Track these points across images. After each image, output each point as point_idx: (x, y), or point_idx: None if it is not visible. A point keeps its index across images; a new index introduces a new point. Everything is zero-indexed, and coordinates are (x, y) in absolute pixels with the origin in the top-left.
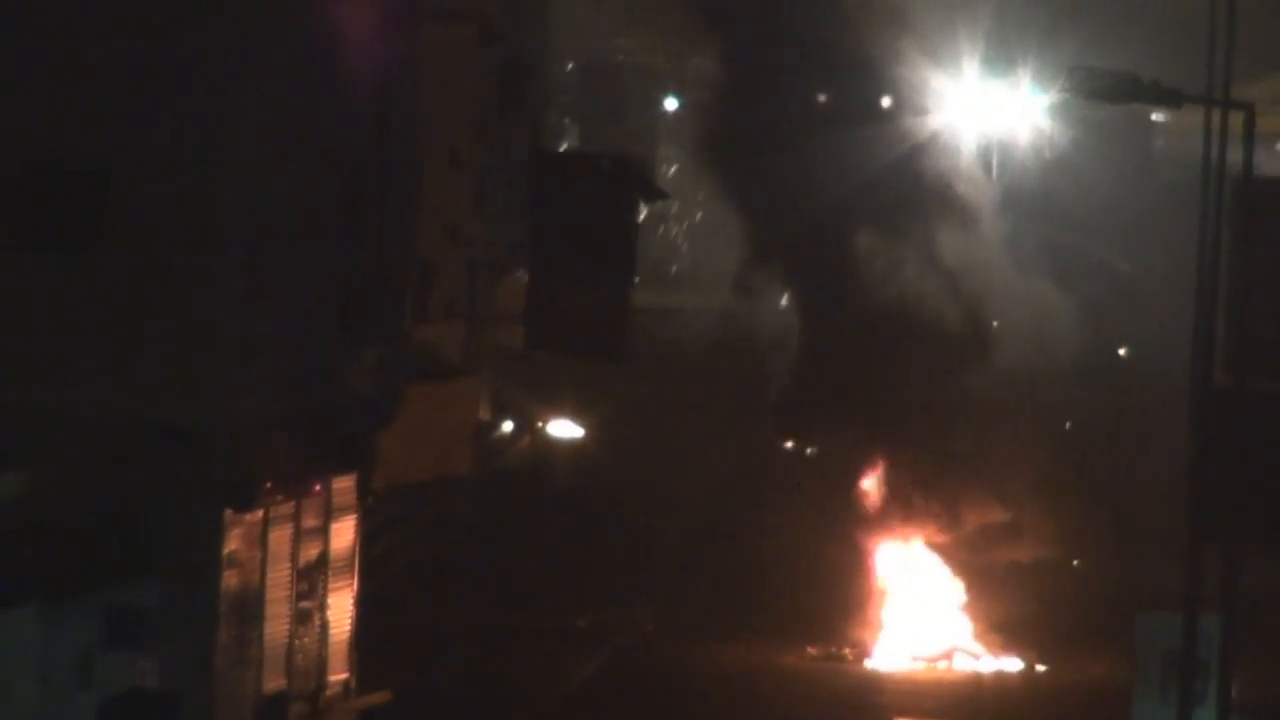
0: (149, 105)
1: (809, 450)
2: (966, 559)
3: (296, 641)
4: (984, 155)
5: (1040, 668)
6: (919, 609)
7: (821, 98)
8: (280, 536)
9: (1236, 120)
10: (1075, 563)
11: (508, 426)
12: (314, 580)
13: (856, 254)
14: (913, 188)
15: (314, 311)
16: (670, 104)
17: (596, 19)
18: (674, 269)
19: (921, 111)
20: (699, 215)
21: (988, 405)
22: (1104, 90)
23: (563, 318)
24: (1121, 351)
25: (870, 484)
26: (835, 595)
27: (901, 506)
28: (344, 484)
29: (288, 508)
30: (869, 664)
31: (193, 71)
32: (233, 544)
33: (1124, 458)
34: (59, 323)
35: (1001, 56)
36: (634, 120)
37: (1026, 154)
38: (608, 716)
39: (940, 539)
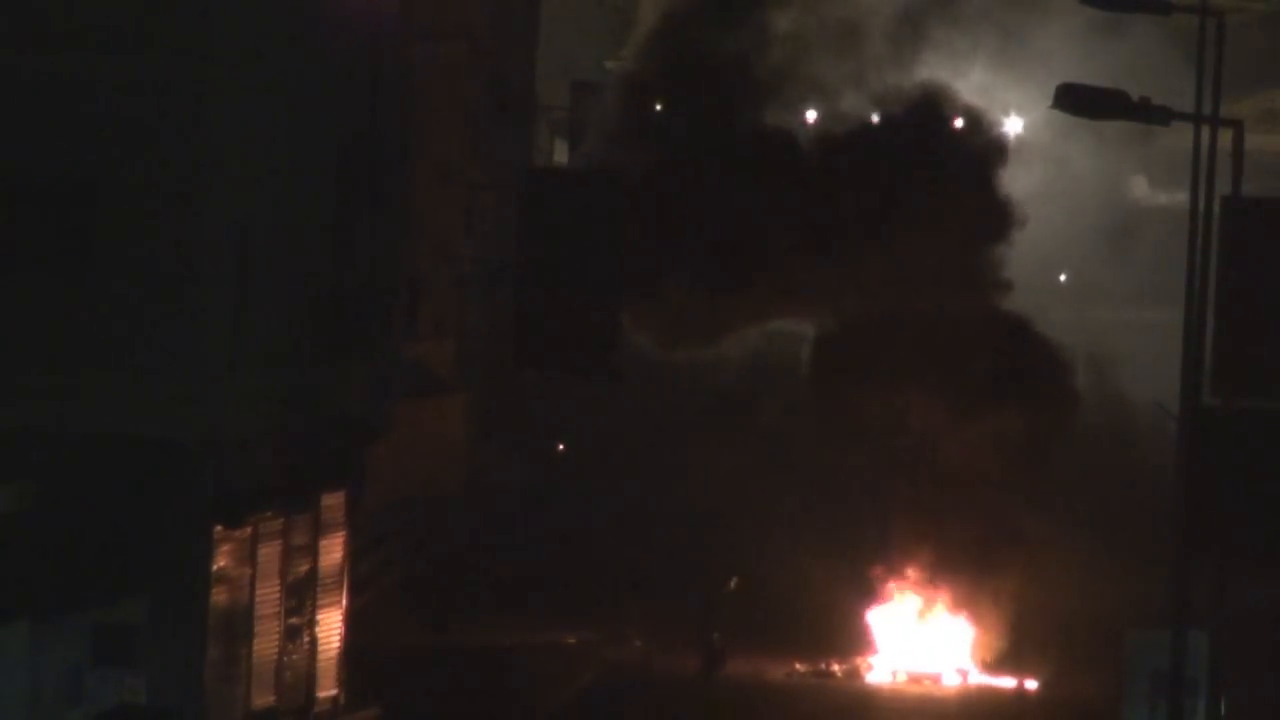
0: (136, 123)
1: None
2: (957, 575)
3: (286, 658)
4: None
5: (1030, 685)
6: (908, 626)
7: (811, 114)
8: (269, 553)
9: (1225, 137)
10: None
11: (497, 443)
12: (303, 596)
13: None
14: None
15: (303, 328)
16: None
17: (586, 35)
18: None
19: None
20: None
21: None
22: (1093, 107)
23: (552, 334)
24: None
25: (864, 499)
26: (826, 611)
27: (893, 522)
28: (333, 500)
29: (277, 524)
30: (858, 681)
31: (181, 88)
32: (222, 560)
33: (1115, 474)
34: (47, 340)
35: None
36: (622, 132)
37: (1015, 170)
38: None
39: (931, 554)
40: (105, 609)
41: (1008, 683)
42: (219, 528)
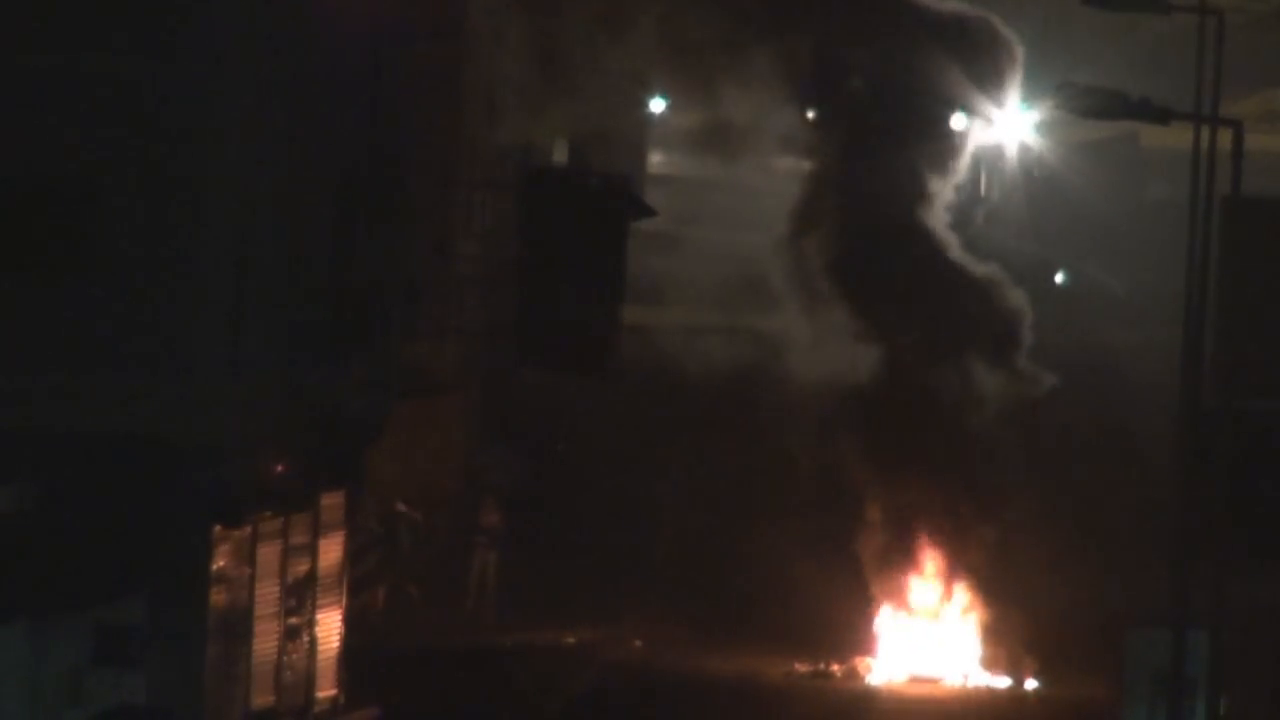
0: (137, 124)
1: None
2: (955, 574)
3: (285, 658)
4: (971, 171)
5: (1029, 684)
6: (908, 626)
7: (809, 115)
8: (269, 553)
9: (1225, 137)
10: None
11: (496, 443)
12: (302, 596)
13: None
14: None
15: (303, 328)
16: (657, 105)
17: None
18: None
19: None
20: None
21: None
22: (1093, 107)
23: (553, 334)
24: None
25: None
26: (825, 612)
27: (893, 523)
28: (333, 500)
29: (276, 524)
30: (857, 681)
31: (180, 88)
32: (221, 560)
33: (1113, 473)
34: (47, 340)
35: (989, 72)
36: (622, 129)
37: (1015, 171)
38: None
39: (930, 554)
40: (105, 609)
41: (1007, 683)
42: (218, 528)
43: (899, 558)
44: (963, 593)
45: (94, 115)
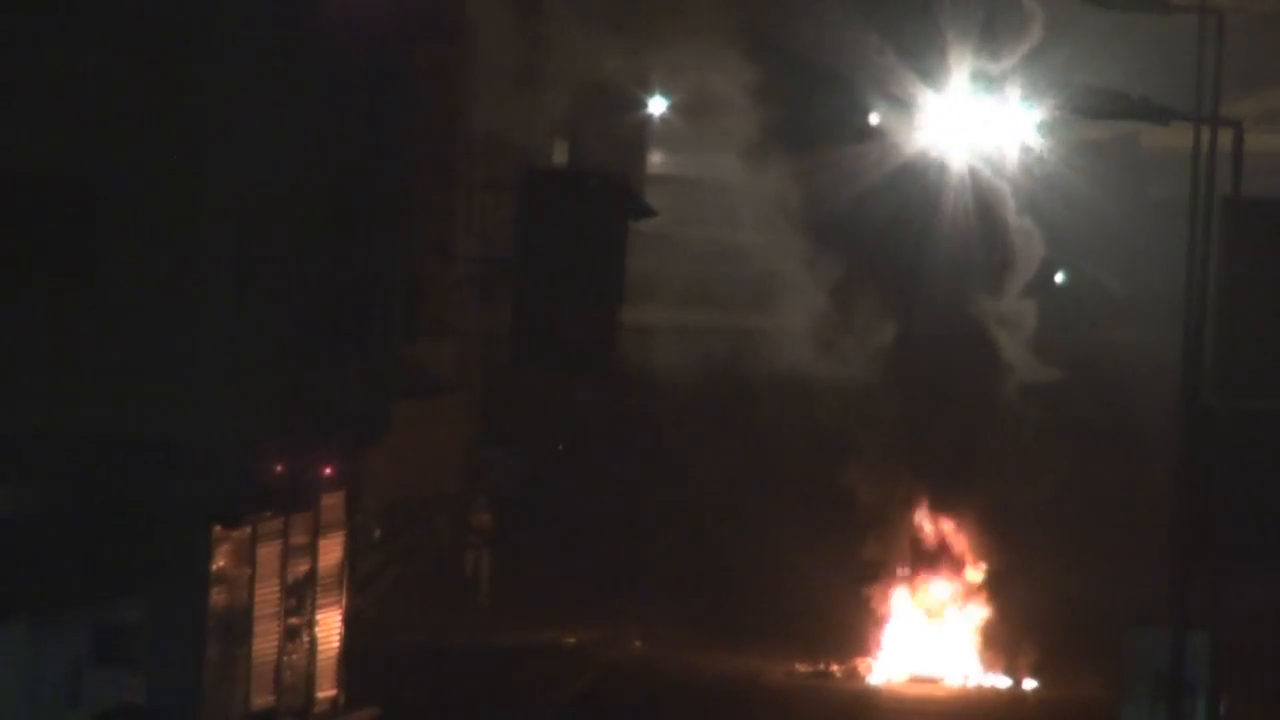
0: (138, 124)
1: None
2: (956, 575)
3: (285, 658)
4: (972, 172)
5: (1028, 685)
6: (908, 626)
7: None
8: (268, 553)
9: (1225, 137)
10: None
11: (495, 443)
12: (302, 596)
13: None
14: (902, 205)
15: (303, 328)
16: (658, 106)
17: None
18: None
19: (909, 128)
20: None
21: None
22: (1093, 107)
23: (551, 334)
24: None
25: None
26: (825, 612)
27: (891, 523)
28: (332, 500)
29: (276, 524)
30: (857, 681)
31: (181, 90)
32: (221, 560)
33: (1113, 472)
34: (48, 341)
35: (989, 71)
36: (622, 130)
37: (1015, 171)
38: None
39: (929, 555)
40: (105, 609)
41: (1007, 683)
42: (218, 528)
43: (899, 557)
44: (962, 591)
45: (94, 116)
